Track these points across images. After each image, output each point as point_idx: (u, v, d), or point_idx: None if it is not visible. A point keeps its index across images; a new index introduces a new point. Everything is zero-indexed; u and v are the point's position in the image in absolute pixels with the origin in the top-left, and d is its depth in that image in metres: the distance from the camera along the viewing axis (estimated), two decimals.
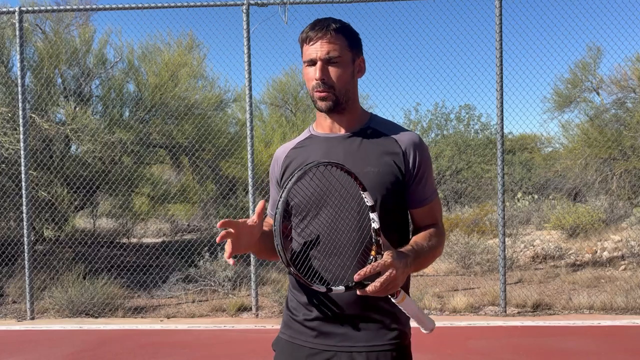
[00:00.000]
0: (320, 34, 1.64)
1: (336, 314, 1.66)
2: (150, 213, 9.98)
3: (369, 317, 1.66)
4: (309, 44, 1.65)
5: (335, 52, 1.64)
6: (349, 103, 1.70)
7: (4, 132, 7.68)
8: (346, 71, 1.67)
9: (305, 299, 1.71)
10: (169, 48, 9.21)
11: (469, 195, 15.68)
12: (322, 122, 1.76)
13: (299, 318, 1.72)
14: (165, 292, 7.16)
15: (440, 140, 16.18)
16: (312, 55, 1.65)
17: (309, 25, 1.69)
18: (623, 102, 11.05)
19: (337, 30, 1.65)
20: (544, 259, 8.87)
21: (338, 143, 1.70)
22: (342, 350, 1.66)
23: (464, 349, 4.88)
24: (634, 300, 5.95)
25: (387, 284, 1.46)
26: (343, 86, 1.66)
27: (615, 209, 11.92)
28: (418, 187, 1.71)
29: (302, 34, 1.68)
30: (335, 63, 1.65)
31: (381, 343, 1.66)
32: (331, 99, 1.66)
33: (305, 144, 1.77)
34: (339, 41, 1.65)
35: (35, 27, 8.66)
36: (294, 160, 1.75)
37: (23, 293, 6.56)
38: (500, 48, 5.93)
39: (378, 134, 1.72)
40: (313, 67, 1.66)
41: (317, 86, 1.65)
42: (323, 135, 1.75)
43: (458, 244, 8.47)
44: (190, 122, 8.79)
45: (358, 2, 6.17)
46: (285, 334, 1.76)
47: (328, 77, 1.64)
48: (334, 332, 1.67)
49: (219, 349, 5.13)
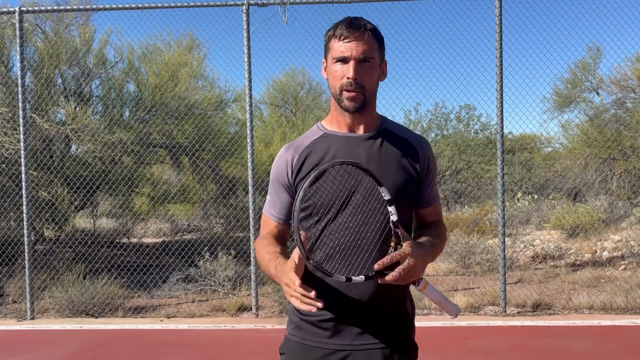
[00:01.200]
0: (357, 32, 1.63)
1: (350, 313, 1.66)
2: (150, 213, 9.99)
3: (382, 315, 1.69)
4: (343, 41, 1.63)
5: (370, 53, 1.64)
6: (371, 105, 1.72)
7: (4, 132, 7.69)
8: (375, 73, 1.68)
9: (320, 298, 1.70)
10: (169, 48, 9.22)
11: (469, 195, 15.68)
12: (339, 120, 1.73)
13: (312, 319, 1.70)
14: (165, 292, 7.16)
15: (440, 140, 16.18)
16: (345, 53, 1.63)
17: (342, 21, 1.66)
18: (623, 102, 11.06)
19: (372, 32, 1.65)
20: (544, 259, 8.87)
21: (359, 143, 1.70)
22: (358, 349, 1.67)
23: (464, 349, 4.88)
24: (633, 300, 5.96)
25: (406, 272, 1.50)
26: (371, 87, 1.67)
27: (615, 209, 11.92)
28: (428, 188, 1.79)
29: (336, 30, 1.65)
30: (368, 64, 1.64)
31: (395, 339, 1.70)
32: (360, 99, 1.65)
33: (320, 140, 1.74)
34: (372, 42, 1.66)
35: (35, 27, 8.66)
36: (310, 157, 1.71)
37: (23, 293, 6.56)
38: (500, 48, 5.93)
39: (394, 136, 1.75)
40: (344, 65, 1.64)
41: (349, 85, 1.63)
42: (342, 135, 1.73)
43: (458, 244, 8.47)
44: (190, 122, 8.79)
45: (358, 2, 6.17)
46: (296, 336, 1.74)
47: (362, 77, 1.63)
48: (349, 332, 1.67)
49: (219, 349, 5.13)
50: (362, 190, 1.64)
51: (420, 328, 5.93)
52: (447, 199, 16.53)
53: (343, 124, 1.73)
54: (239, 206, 9.56)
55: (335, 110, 1.73)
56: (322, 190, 1.63)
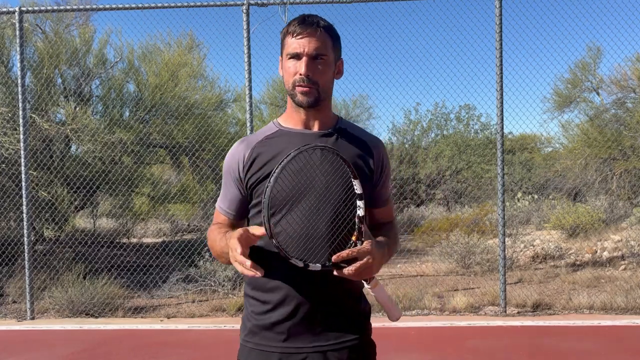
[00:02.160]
0: (310, 29, 1.63)
1: (304, 314, 1.65)
2: (150, 213, 9.99)
3: (337, 315, 1.68)
4: (296, 37, 1.64)
5: (323, 50, 1.64)
6: (326, 102, 1.71)
7: (4, 132, 7.69)
8: (330, 70, 1.68)
9: (272, 302, 1.67)
10: (169, 48, 9.22)
11: (469, 195, 15.66)
12: (294, 117, 1.73)
13: (265, 322, 1.68)
14: (165, 292, 7.16)
15: (440, 140, 16.17)
16: (297, 49, 1.63)
17: (296, 18, 1.67)
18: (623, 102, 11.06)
19: (325, 29, 1.66)
20: (544, 259, 8.87)
21: (313, 140, 1.68)
22: (314, 350, 1.65)
23: (464, 349, 4.88)
24: (634, 300, 5.95)
25: (363, 269, 1.51)
26: (325, 84, 1.67)
27: (615, 209, 11.91)
28: (382, 188, 1.79)
29: (288, 27, 1.66)
30: (321, 61, 1.64)
31: (350, 338, 1.69)
32: (313, 94, 1.65)
33: (274, 136, 1.72)
34: (326, 39, 1.66)
35: (35, 27, 8.66)
36: (263, 154, 1.68)
37: (23, 293, 6.56)
38: (500, 48, 5.93)
39: (349, 135, 1.75)
40: (297, 61, 1.64)
41: (301, 81, 1.63)
42: (296, 131, 1.72)
43: (458, 244, 8.47)
44: (190, 122, 8.79)
45: (358, 2, 6.17)
46: (250, 342, 1.70)
47: (314, 73, 1.63)
48: (304, 334, 1.65)
49: (219, 349, 5.13)
50: (333, 180, 1.63)
51: (420, 328, 5.91)
52: (447, 199, 16.52)
53: (298, 121, 1.72)
54: None
55: (290, 106, 1.72)
56: (288, 178, 1.61)
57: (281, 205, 1.63)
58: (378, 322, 1.80)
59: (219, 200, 1.79)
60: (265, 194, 1.48)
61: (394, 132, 16.12)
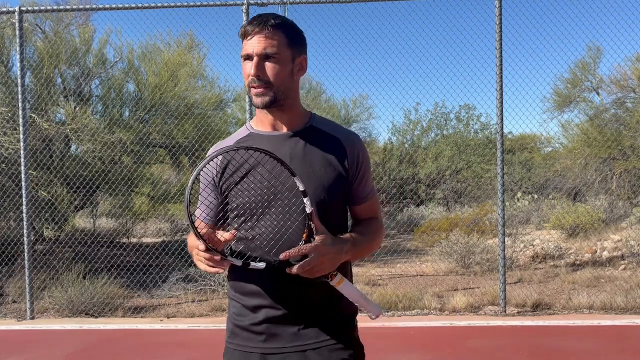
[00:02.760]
0: (257, 29, 1.61)
1: (284, 314, 1.65)
2: (150, 213, 9.98)
3: (316, 314, 1.67)
4: (247, 39, 1.63)
5: (273, 49, 1.61)
6: (287, 101, 1.67)
7: (4, 132, 7.69)
8: (284, 69, 1.64)
9: (251, 303, 1.68)
10: (169, 48, 9.21)
11: (469, 195, 15.66)
12: (263, 120, 1.72)
13: (245, 324, 1.70)
14: (165, 292, 7.16)
15: (440, 140, 16.17)
16: (248, 51, 1.62)
17: (248, 20, 1.66)
18: (623, 102, 11.06)
19: (276, 27, 1.62)
20: (544, 259, 8.87)
21: (283, 142, 1.68)
22: (294, 350, 1.65)
23: (464, 349, 4.88)
24: (634, 300, 5.95)
25: (312, 266, 1.50)
26: (281, 83, 1.63)
27: (615, 209, 11.92)
28: (360, 185, 1.76)
29: (240, 29, 1.65)
30: (272, 60, 1.62)
31: (330, 337, 1.68)
32: (267, 95, 1.62)
33: (245, 141, 1.71)
34: (277, 37, 1.62)
35: (35, 27, 8.66)
36: (235, 158, 1.67)
37: (23, 293, 6.56)
38: (500, 48, 5.93)
39: (321, 133, 1.72)
40: (249, 63, 1.63)
41: (253, 82, 1.62)
42: (266, 134, 1.71)
43: (458, 244, 8.47)
44: (190, 122, 8.79)
45: (358, 2, 6.17)
46: (233, 344, 1.73)
47: (264, 73, 1.61)
48: (283, 334, 1.66)
49: (219, 349, 5.12)
50: (274, 181, 1.62)
51: (421, 328, 5.90)
52: (447, 199, 16.52)
53: (267, 123, 1.71)
54: None
55: (258, 109, 1.71)
56: (245, 185, 1.63)
57: (244, 210, 1.65)
58: (378, 323, 1.80)
59: (198, 205, 1.80)
60: (186, 194, 1.50)
61: (394, 132, 16.13)
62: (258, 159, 1.61)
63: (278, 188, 1.62)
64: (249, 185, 1.63)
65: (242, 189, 1.64)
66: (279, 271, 1.55)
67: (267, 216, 1.63)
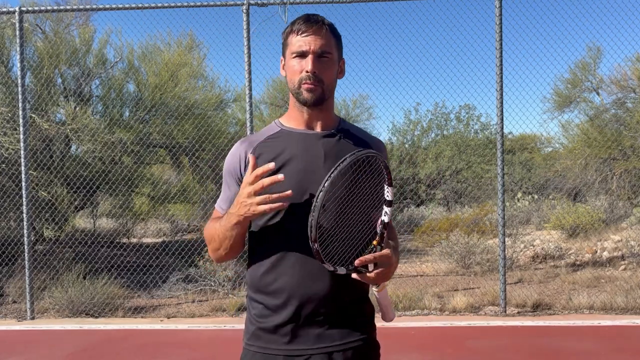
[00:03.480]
0: (315, 27, 1.63)
1: (309, 315, 1.64)
2: (150, 213, 9.98)
3: (343, 315, 1.67)
4: (301, 35, 1.63)
5: (328, 48, 1.65)
6: (328, 101, 1.70)
7: (4, 132, 7.68)
8: (334, 68, 1.68)
9: (275, 303, 1.65)
10: (169, 48, 9.21)
11: (469, 195, 15.67)
12: (297, 118, 1.72)
13: (268, 325, 1.66)
14: (165, 292, 7.16)
15: (440, 140, 16.17)
16: (303, 47, 1.63)
17: (300, 18, 1.67)
18: (623, 102, 11.06)
19: (330, 28, 1.67)
20: (544, 259, 8.87)
21: (316, 140, 1.68)
22: (318, 352, 1.64)
23: (464, 349, 4.88)
24: (634, 300, 5.95)
25: (382, 274, 1.55)
26: (329, 82, 1.67)
27: (615, 209, 11.92)
28: None
29: (292, 26, 1.65)
30: (326, 59, 1.64)
31: (355, 339, 1.68)
32: (318, 92, 1.64)
33: (276, 137, 1.70)
34: (330, 38, 1.66)
35: (35, 27, 8.66)
36: (265, 154, 1.66)
37: (23, 293, 6.56)
38: (500, 48, 5.93)
39: (351, 135, 1.75)
40: (302, 59, 1.64)
41: (307, 78, 1.62)
42: (298, 131, 1.71)
43: (458, 244, 8.47)
44: (190, 122, 8.79)
45: (358, 2, 6.17)
46: (254, 346, 1.68)
47: (320, 70, 1.63)
48: (307, 335, 1.64)
49: (219, 349, 5.13)
50: (367, 185, 1.62)
51: (421, 328, 5.90)
52: (447, 199, 16.52)
53: (301, 121, 1.71)
54: None
55: (293, 107, 1.71)
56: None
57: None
58: (377, 323, 1.80)
59: (220, 200, 1.77)
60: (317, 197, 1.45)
61: (394, 132, 16.13)
62: (302, 155, 1.63)
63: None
64: (284, 179, 1.60)
65: (277, 183, 1.60)
66: (305, 272, 1.57)
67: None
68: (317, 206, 1.44)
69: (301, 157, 1.61)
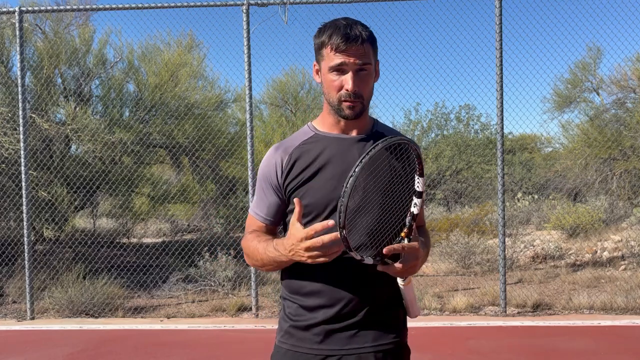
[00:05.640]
0: (356, 44, 1.58)
1: (344, 315, 1.64)
2: (150, 213, 9.99)
3: (373, 316, 1.67)
4: (339, 52, 1.59)
5: (367, 59, 1.62)
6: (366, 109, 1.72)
7: (4, 132, 7.68)
8: (372, 80, 1.67)
9: (310, 303, 1.67)
10: (169, 48, 9.22)
11: (469, 195, 15.67)
12: (332, 123, 1.71)
13: (301, 324, 1.68)
14: (165, 292, 7.16)
15: (440, 140, 16.16)
16: (343, 65, 1.60)
17: (337, 30, 1.60)
18: (623, 102, 11.06)
19: (368, 39, 1.62)
20: (544, 259, 8.87)
21: (352, 144, 1.69)
22: (349, 353, 1.65)
23: (464, 349, 4.88)
24: (634, 300, 5.95)
25: (409, 267, 1.54)
26: (369, 95, 1.67)
27: (615, 209, 11.92)
28: None
29: (330, 39, 1.60)
30: (365, 72, 1.62)
31: (387, 341, 1.69)
32: (359, 107, 1.64)
33: (311, 141, 1.71)
34: (368, 49, 1.62)
35: (35, 27, 8.66)
36: (301, 159, 1.67)
37: (23, 293, 6.56)
38: (500, 48, 5.92)
39: None
40: (341, 75, 1.61)
41: (348, 96, 1.61)
42: (332, 136, 1.71)
43: (458, 244, 8.47)
44: (190, 122, 8.79)
45: (358, 2, 6.17)
46: (287, 343, 1.70)
47: (360, 87, 1.62)
48: (340, 335, 1.65)
49: (219, 349, 5.13)
50: (397, 175, 1.62)
51: (421, 328, 5.89)
52: (447, 199, 16.52)
53: (335, 126, 1.71)
54: (238, 206, 9.55)
55: (329, 113, 1.70)
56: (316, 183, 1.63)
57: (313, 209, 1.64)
58: None
59: (254, 206, 1.77)
60: (347, 183, 1.43)
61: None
62: (338, 160, 1.63)
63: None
64: (321, 183, 1.63)
65: (313, 188, 1.63)
66: (340, 273, 1.56)
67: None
68: (347, 191, 1.42)
69: (337, 162, 1.62)
